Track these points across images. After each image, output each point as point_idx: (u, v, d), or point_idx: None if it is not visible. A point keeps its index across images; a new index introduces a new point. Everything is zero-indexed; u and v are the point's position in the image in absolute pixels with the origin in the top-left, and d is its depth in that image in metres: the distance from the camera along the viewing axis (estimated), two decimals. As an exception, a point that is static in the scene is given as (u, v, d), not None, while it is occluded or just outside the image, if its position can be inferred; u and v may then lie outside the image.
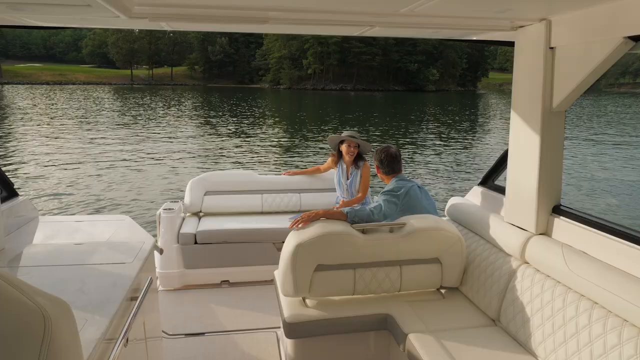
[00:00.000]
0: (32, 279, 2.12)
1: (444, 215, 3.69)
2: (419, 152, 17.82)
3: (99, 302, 1.90)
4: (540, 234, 2.72)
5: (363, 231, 2.92)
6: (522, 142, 2.76)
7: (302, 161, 15.49)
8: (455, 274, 3.08)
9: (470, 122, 31.78)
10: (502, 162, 3.39)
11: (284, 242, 4.61)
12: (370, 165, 4.49)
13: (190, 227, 4.54)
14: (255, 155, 16.59)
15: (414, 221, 2.98)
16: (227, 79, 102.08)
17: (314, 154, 16.87)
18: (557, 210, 2.70)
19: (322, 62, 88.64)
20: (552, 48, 2.52)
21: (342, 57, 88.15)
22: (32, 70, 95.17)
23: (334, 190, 4.86)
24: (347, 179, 4.57)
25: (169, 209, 4.45)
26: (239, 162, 15.16)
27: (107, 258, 2.38)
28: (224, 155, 16.35)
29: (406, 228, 2.94)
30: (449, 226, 3.01)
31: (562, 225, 2.62)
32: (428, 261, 3.02)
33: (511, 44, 2.97)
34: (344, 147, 4.49)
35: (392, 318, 2.81)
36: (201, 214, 5.00)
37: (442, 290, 3.18)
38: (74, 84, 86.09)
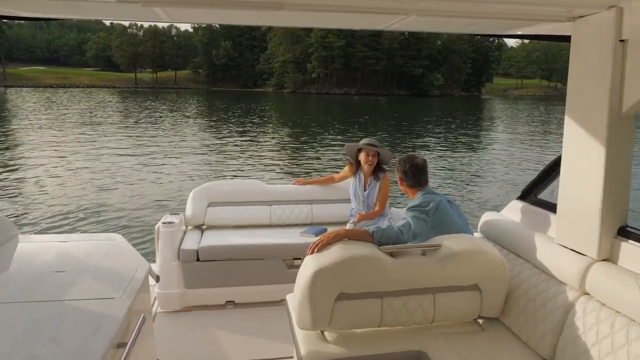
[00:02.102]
0: None
1: (476, 232, 3.29)
2: (431, 160, 17.29)
3: (76, 356, 1.50)
4: (603, 260, 2.32)
5: (392, 254, 2.53)
6: (582, 151, 2.36)
7: (312, 169, 14.89)
8: (496, 303, 2.68)
9: (480, 128, 31.25)
10: (548, 174, 2.99)
11: (294, 258, 4.26)
12: (392, 177, 4.10)
13: (192, 242, 4.15)
14: (263, 163, 15.85)
15: (450, 242, 2.59)
16: (231, 82, 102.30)
17: (325, 162, 16.28)
18: (623, 232, 2.30)
19: (326, 66, 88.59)
20: (622, 41, 2.12)
21: (346, 61, 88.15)
22: (36, 73, 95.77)
23: (348, 201, 4.47)
24: (365, 190, 4.18)
25: (169, 222, 4.06)
26: (245, 171, 14.47)
27: (91, 291, 1.98)
28: (229, 163, 15.62)
29: (442, 251, 2.55)
30: (490, 248, 2.61)
31: (631, 250, 2.22)
32: (466, 288, 2.62)
33: (564, 38, 2.58)
34: (362, 156, 4.11)
35: (426, 356, 2.42)
36: (204, 227, 4.62)
37: (480, 321, 2.78)
38: (77, 87, 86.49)
